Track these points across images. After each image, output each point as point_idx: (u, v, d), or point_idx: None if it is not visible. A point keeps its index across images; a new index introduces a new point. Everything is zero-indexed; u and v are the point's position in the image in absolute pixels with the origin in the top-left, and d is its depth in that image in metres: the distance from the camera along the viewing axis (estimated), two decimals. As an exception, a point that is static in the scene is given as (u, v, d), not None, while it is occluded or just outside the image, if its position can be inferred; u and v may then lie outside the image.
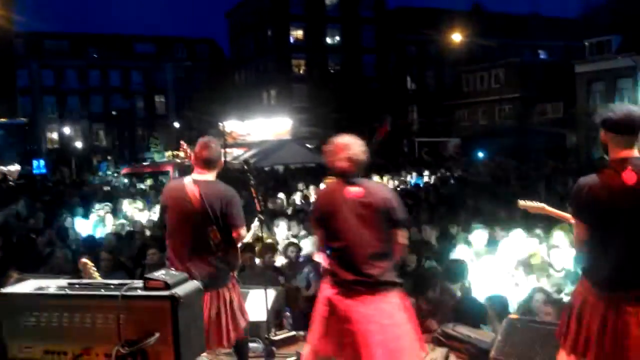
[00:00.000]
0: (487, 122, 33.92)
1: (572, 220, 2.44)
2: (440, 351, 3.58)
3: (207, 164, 3.03)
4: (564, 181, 10.07)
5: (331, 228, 2.68)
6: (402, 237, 2.70)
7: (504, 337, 3.20)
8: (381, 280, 2.61)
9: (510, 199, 5.88)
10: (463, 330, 3.64)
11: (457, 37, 29.64)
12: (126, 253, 5.94)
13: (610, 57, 26.88)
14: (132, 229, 7.44)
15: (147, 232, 7.34)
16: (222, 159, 3.38)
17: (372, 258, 2.62)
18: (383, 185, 2.73)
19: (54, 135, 41.34)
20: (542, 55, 40.96)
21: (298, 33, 36.93)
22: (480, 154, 24.32)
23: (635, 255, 2.19)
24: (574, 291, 2.43)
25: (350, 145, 2.68)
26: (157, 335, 1.99)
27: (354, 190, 2.62)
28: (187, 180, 3.03)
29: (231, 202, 2.98)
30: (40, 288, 2.22)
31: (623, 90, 26.87)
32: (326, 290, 2.72)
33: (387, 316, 2.59)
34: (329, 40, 37.32)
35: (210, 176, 3.05)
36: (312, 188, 10.85)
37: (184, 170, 14.34)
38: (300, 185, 11.80)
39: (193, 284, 2.20)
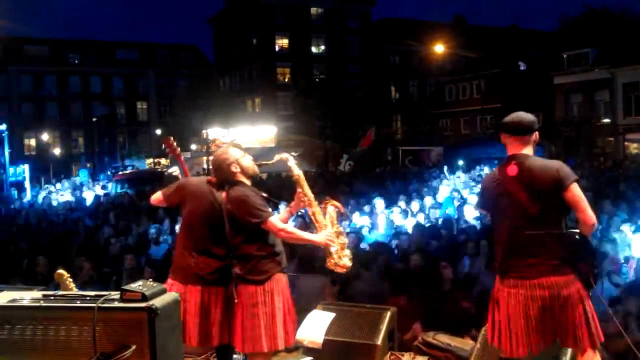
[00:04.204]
0: (469, 131, 34.42)
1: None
2: (421, 360, 3.61)
3: None
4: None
5: None
6: (272, 229, 2.82)
7: (482, 346, 3.24)
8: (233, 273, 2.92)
9: None
10: (443, 339, 3.68)
11: (439, 48, 30.13)
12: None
13: (587, 69, 27.63)
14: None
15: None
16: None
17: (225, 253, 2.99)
18: (235, 191, 2.89)
19: (32, 142, 40.47)
20: (522, 66, 41.87)
21: (283, 42, 37.04)
22: (461, 162, 24.65)
23: (518, 239, 2.45)
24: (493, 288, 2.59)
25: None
26: (133, 347, 1.96)
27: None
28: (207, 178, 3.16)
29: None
30: (14, 300, 2.17)
31: (599, 101, 27.63)
32: None
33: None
34: (314, 49, 37.51)
35: None
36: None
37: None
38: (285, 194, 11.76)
39: (171, 295, 2.19)
